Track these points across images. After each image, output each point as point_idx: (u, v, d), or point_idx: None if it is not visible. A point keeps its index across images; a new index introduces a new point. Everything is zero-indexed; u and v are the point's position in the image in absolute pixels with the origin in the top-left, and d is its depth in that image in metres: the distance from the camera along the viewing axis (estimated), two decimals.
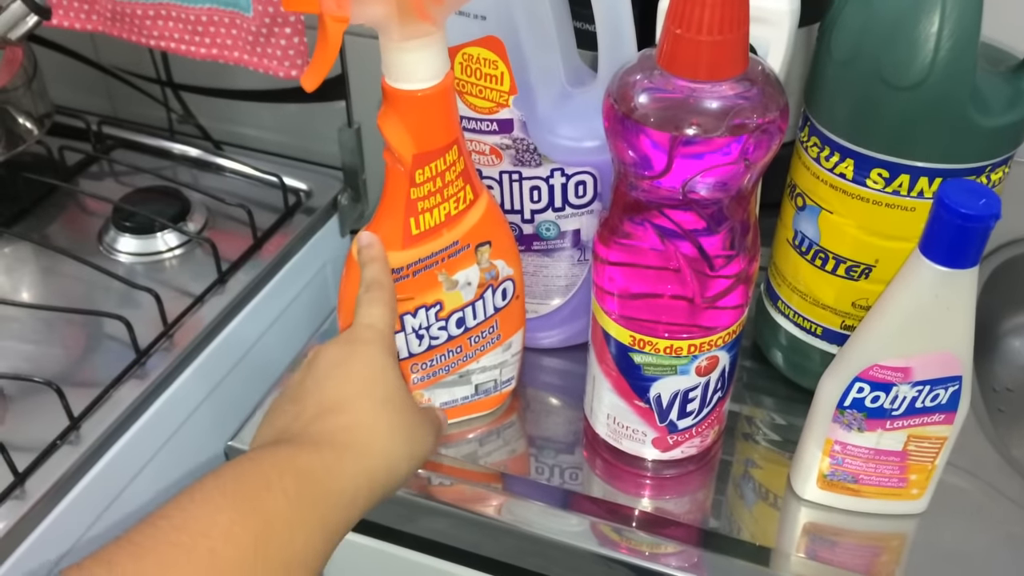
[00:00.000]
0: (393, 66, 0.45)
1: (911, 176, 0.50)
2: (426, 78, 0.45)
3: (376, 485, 0.43)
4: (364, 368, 0.46)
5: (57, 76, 0.93)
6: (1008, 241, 0.74)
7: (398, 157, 0.47)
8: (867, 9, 0.49)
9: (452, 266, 0.52)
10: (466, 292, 0.54)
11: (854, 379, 0.49)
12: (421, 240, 0.51)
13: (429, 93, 0.45)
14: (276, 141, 0.95)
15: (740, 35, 0.42)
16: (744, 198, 0.47)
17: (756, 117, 0.43)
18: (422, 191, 0.49)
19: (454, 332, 0.55)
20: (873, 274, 0.54)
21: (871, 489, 0.54)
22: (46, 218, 0.87)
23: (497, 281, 0.55)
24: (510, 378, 0.61)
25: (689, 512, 0.57)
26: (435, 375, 0.57)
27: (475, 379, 0.59)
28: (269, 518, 0.38)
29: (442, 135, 0.48)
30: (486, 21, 0.52)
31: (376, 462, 0.43)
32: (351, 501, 0.42)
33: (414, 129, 0.46)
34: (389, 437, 0.45)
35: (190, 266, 0.81)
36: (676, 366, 0.51)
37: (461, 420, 0.61)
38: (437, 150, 0.48)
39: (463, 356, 0.57)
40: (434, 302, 0.53)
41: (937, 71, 0.47)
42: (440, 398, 0.59)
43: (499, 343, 0.58)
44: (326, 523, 0.41)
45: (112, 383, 0.69)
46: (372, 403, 0.45)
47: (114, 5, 0.84)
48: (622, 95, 0.45)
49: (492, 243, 0.53)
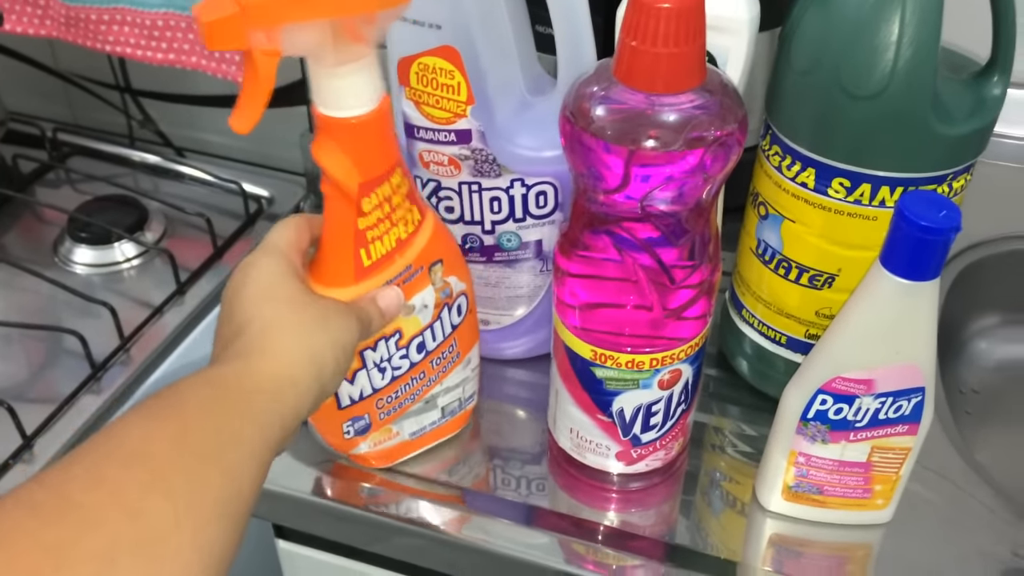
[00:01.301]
0: (329, 94, 0.42)
1: (872, 185, 0.50)
2: (365, 102, 0.43)
3: (301, 378, 0.42)
4: (264, 277, 0.45)
5: (13, 82, 0.91)
6: (974, 243, 0.74)
7: (343, 189, 0.45)
8: (826, 18, 0.48)
9: (408, 291, 0.50)
10: (423, 315, 0.52)
11: (817, 391, 0.49)
12: (374, 271, 0.48)
13: (371, 117, 0.43)
14: (238, 147, 0.93)
15: (696, 47, 0.42)
16: (704, 210, 0.46)
17: (714, 130, 0.43)
18: (371, 219, 0.46)
19: (415, 358, 0.53)
20: (836, 283, 0.54)
21: (836, 500, 0.54)
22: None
23: (452, 299, 0.53)
24: (472, 393, 0.59)
25: (655, 525, 0.56)
26: (401, 406, 0.55)
27: (440, 402, 0.57)
28: (186, 422, 0.37)
29: (386, 159, 0.45)
30: (441, 31, 0.51)
31: (292, 357, 0.42)
32: (274, 397, 0.41)
33: (358, 157, 0.44)
34: (298, 332, 0.43)
35: (148, 276, 0.79)
36: (638, 380, 0.50)
37: (431, 448, 0.60)
38: (382, 175, 0.45)
39: (427, 381, 0.55)
40: (393, 331, 0.51)
41: (897, 80, 0.47)
42: (408, 429, 0.57)
43: (459, 360, 0.56)
44: (254, 419, 0.39)
45: (67, 399, 0.68)
46: (275, 305, 0.44)
47: (68, 10, 0.82)
48: (578, 108, 0.44)
49: (443, 260, 0.51)
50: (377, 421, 0.55)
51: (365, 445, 0.56)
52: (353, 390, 0.53)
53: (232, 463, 0.37)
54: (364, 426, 0.55)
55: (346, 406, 0.53)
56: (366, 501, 0.57)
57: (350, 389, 0.53)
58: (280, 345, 0.42)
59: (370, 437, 0.56)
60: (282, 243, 0.47)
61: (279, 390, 0.41)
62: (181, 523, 0.34)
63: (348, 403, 0.53)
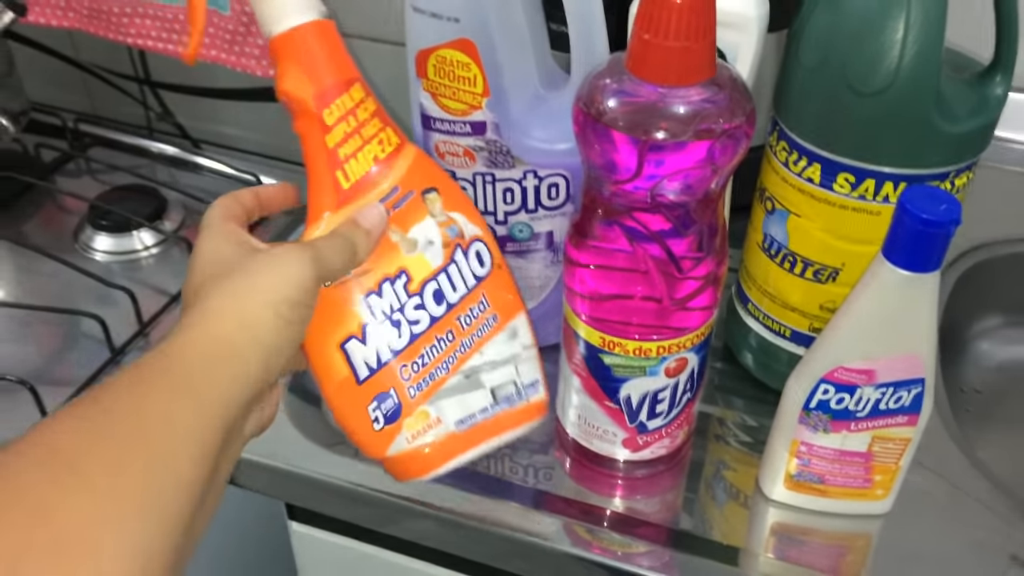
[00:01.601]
0: (269, 9, 0.44)
1: (876, 181, 0.51)
2: (304, 8, 0.44)
3: (236, 340, 0.39)
4: (201, 257, 0.43)
5: (35, 73, 0.92)
6: (977, 245, 0.75)
7: (301, 106, 0.44)
8: (833, 16, 0.49)
9: (403, 220, 0.46)
10: (431, 253, 0.47)
11: (819, 381, 0.50)
12: (355, 194, 0.46)
13: (312, 26, 0.44)
14: (255, 140, 0.95)
15: (707, 41, 0.43)
16: (712, 201, 0.48)
17: (723, 122, 0.44)
18: (337, 134, 0.45)
19: (436, 311, 0.47)
20: (840, 277, 0.55)
21: (837, 490, 0.55)
22: (21, 216, 0.86)
23: (465, 241, 0.48)
24: (535, 381, 0.50)
25: (660, 512, 0.57)
26: (432, 378, 0.47)
27: (487, 380, 0.48)
28: (107, 409, 0.36)
29: (339, 70, 0.45)
30: (459, 23, 0.52)
31: (219, 320, 0.40)
32: (210, 366, 0.38)
33: (308, 68, 0.44)
34: (223, 292, 0.41)
35: (166, 264, 0.81)
36: (645, 367, 0.52)
37: (490, 445, 0.49)
38: (337, 84, 0.45)
39: (459, 345, 0.48)
40: (397, 271, 0.46)
41: (902, 77, 0.48)
42: (452, 414, 0.48)
43: (498, 327, 0.49)
44: (189, 395, 0.37)
45: (86, 382, 0.69)
46: (206, 276, 0.42)
47: (90, 2, 0.84)
48: (591, 99, 0.46)
49: (440, 191, 0.48)
50: (407, 399, 0.47)
51: (403, 439, 0.47)
52: (368, 352, 0.46)
53: (161, 447, 0.35)
54: (393, 408, 0.47)
55: (365, 378, 0.46)
56: (378, 482, 0.59)
57: (364, 352, 0.46)
58: (207, 311, 0.40)
59: (404, 426, 0.47)
60: (212, 218, 0.45)
61: (214, 357, 0.38)
62: (99, 520, 0.31)
63: (367, 373, 0.46)
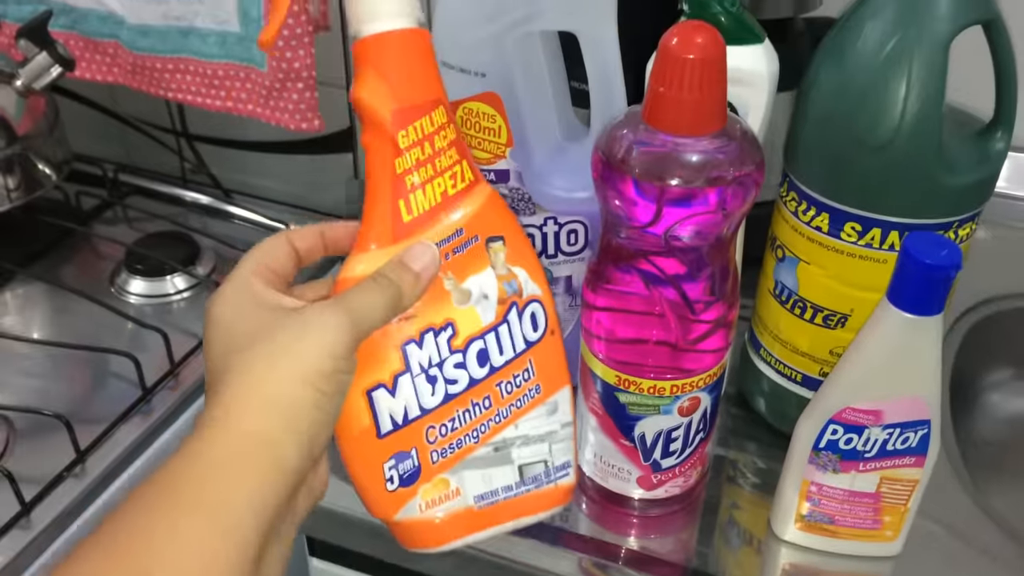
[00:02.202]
0: (363, 6, 0.40)
1: (883, 230, 0.53)
2: (401, 13, 0.40)
3: (266, 429, 0.36)
4: (224, 317, 0.39)
5: (77, 125, 0.96)
6: (986, 299, 0.77)
7: (376, 118, 0.40)
8: (840, 74, 0.52)
9: (460, 267, 0.42)
10: (483, 309, 0.42)
11: (828, 421, 0.52)
12: (415, 229, 0.41)
13: (404, 34, 0.40)
14: (284, 191, 0.98)
15: (718, 94, 0.46)
16: (723, 245, 0.50)
17: (733, 170, 0.47)
18: (409, 160, 0.40)
19: (477, 373, 0.43)
20: (848, 323, 0.57)
21: (847, 531, 0.56)
22: (60, 260, 0.90)
23: (522, 300, 0.43)
24: (565, 463, 0.45)
25: (674, 551, 0.59)
26: (460, 445, 0.43)
27: (516, 456, 0.44)
28: (114, 532, 0.34)
29: (424, 88, 0.41)
30: (486, 78, 0.55)
31: (247, 411, 0.36)
32: (231, 467, 0.35)
33: (392, 79, 0.40)
34: (250, 375, 0.37)
35: (198, 308, 0.84)
36: (659, 406, 0.53)
37: (507, 527, 0.45)
38: (420, 106, 0.40)
39: (495, 414, 0.43)
40: (444, 322, 0.42)
41: (905, 132, 0.51)
42: (473, 487, 0.43)
43: (539, 399, 0.44)
44: (197, 509, 0.34)
45: (118, 419, 0.72)
46: (228, 350, 0.38)
47: (135, 59, 0.88)
48: (610, 148, 0.48)
49: (506, 240, 0.43)
50: (428, 464, 0.43)
51: (415, 506, 0.43)
52: (395, 406, 0.42)
53: (170, 566, 0.33)
54: (411, 470, 0.43)
55: (387, 432, 0.42)
56: None
57: (391, 404, 0.42)
58: (230, 402, 0.36)
59: (420, 492, 0.43)
60: (236, 275, 0.41)
61: (238, 456, 0.35)
62: None
63: (390, 428, 0.42)
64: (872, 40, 0.51)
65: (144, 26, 0.86)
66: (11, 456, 0.68)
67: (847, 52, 0.52)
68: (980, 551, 0.58)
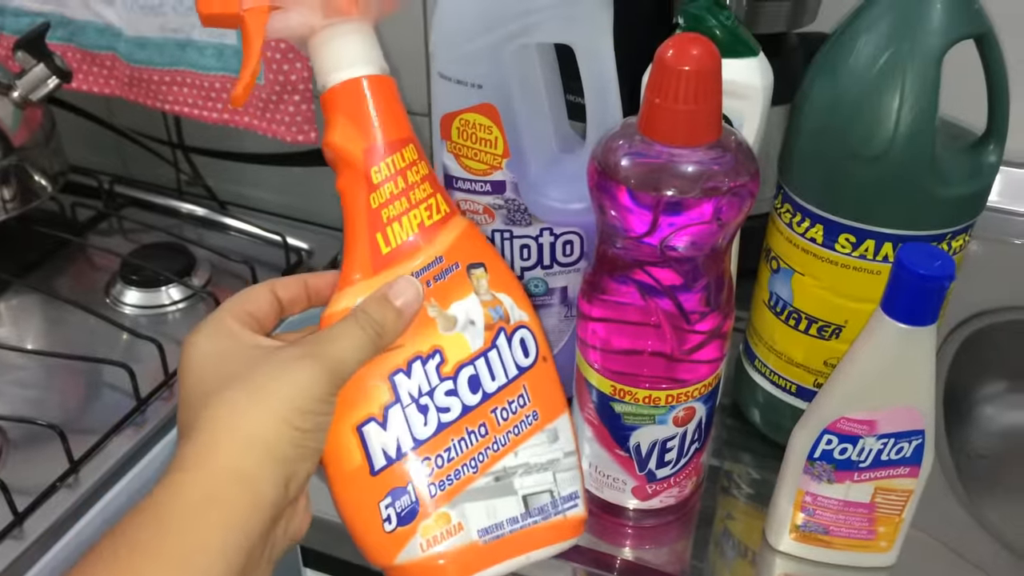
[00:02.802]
0: (326, 60, 0.42)
1: (876, 241, 0.54)
2: (365, 61, 0.42)
3: (246, 468, 0.36)
4: (198, 361, 0.39)
5: (73, 136, 0.97)
6: (978, 312, 0.77)
7: (347, 160, 0.42)
8: (834, 87, 0.53)
9: (443, 294, 0.42)
10: (471, 335, 0.42)
11: (823, 431, 0.52)
12: (394, 259, 0.42)
13: (372, 79, 0.42)
14: (280, 203, 0.98)
15: (713, 105, 0.46)
16: (718, 256, 0.50)
17: (728, 181, 0.47)
18: (382, 194, 0.42)
19: (469, 399, 0.42)
20: (843, 334, 0.57)
21: (842, 541, 0.56)
22: (55, 270, 0.90)
23: (509, 325, 0.43)
24: (573, 493, 0.44)
25: (669, 562, 0.59)
26: (458, 476, 0.41)
27: (519, 485, 0.42)
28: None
29: (393, 127, 0.42)
30: (482, 89, 0.56)
31: (227, 450, 0.36)
32: (207, 508, 0.35)
33: (360, 122, 0.42)
34: (230, 415, 0.37)
35: (193, 319, 0.84)
36: (654, 415, 0.54)
37: (516, 563, 0.43)
38: (391, 143, 0.42)
39: (492, 442, 0.42)
40: (431, 350, 0.42)
41: (898, 144, 0.51)
42: (476, 521, 0.41)
43: (537, 426, 0.43)
44: (172, 556, 0.35)
45: (112, 429, 0.72)
46: (205, 393, 0.38)
47: (132, 71, 0.88)
48: (606, 158, 0.49)
49: (487, 267, 0.44)
50: (426, 499, 0.41)
51: (415, 546, 0.41)
52: (387, 439, 0.41)
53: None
54: (409, 506, 0.41)
55: (381, 468, 0.41)
56: None
57: (383, 437, 0.41)
58: (203, 444, 0.36)
59: (420, 529, 0.41)
60: (213, 317, 0.41)
61: (212, 498, 0.35)
62: None
63: (383, 463, 0.41)
64: (866, 53, 0.51)
65: (141, 38, 0.87)
66: (4, 466, 0.68)
67: (841, 65, 0.52)
68: (974, 563, 0.58)
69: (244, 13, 0.41)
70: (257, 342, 0.40)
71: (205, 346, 0.40)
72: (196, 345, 0.40)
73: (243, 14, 0.41)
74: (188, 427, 0.38)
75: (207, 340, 0.40)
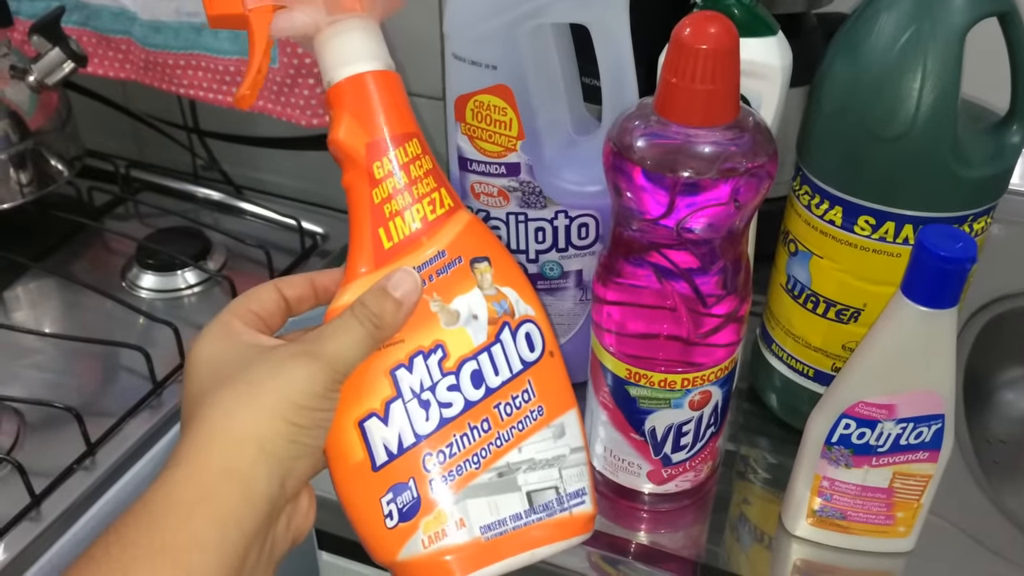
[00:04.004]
0: (332, 55, 0.42)
1: (896, 223, 0.53)
2: (369, 57, 0.42)
3: (237, 465, 0.36)
4: (203, 362, 0.40)
5: (89, 121, 0.97)
6: (999, 296, 0.76)
7: (351, 156, 0.42)
8: (854, 66, 0.52)
9: (445, 288, 0.42)
10: (474, 329, 0.42)
11: (841, 415, 0.51)
12: (397, 254, 0.42)
13: (376, 74, 0.42)
14: (295, 187, 0.98)
15: (731, 85, 0.46)
16: (735, 238, 0.50)
17: (746, 162, 0.46)
18: (385, 189, 0.42)
19: (472, 395, 0.42)
20: (861, 318, 0.57)
21: (859, 526, 0.56)
22: (72, 255, 0.90)
23: (514, 320, 0.43)
24: (580, 490, 0.43)
25: (684, 546, 0.58)
26: (460, 471, 0.41)
27: (523, 481, 0.42)
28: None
29: (397, 122, 0.42)
30: (497, 71, 0.55)
31: (220, 447, 0.36)
32: (198, 504, 0.35)
33: (364, 117, 0.42)
34: (225, 413, 0.37)
35: (208, 303, 0.84)
36: (670, 399, 0.53)
37: (520, 560, 0.42)
38: (394, 138, 0.42)
39: (495, 438, 0.42)
40: (433, 344, 0.41)
41: (919, 124, 0.50)
42: (478, 517, 0.41)
43: (543, 421, 0.43)
44: (165, 551, 0.35)
45: (128, 412, 0.72)
46: (204, 392, 0.38)
47: (147, 55, 0.88)
48: (621, 139, 0.48)
49: (492, 261, 0.43)
50: (428, 494, 0.41)
51: (417, 542, 0.41)
52: (389, 434, 0.41)
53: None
54: (411, 502, 0.41)
55: (383, 464, 0.41)
56: None
57: (385, 433, 0.41)
58: (198, 440, 0.37)
59: (421, 525, 0.41)
60: (218, 317, 0.41)
61: (205, 497, 0.35)
62: None
63: (385, 458, 0.41)
64: (887, 32, 0.50)
65: (157, 22, 0.87)
66: (21, 448, 0.69)
67: (862, 44, 0.52)
68: (993, 549, 0.58)
69: (248, 13, 0.41)
70: (257, 341, 0.40)
71: (207, 348, 0.40)
72: (199, 348, 0.40)
73: (247, 14, 0.41)
74: (185, 427, 0.38)
75: (210, 343, 0.40)
